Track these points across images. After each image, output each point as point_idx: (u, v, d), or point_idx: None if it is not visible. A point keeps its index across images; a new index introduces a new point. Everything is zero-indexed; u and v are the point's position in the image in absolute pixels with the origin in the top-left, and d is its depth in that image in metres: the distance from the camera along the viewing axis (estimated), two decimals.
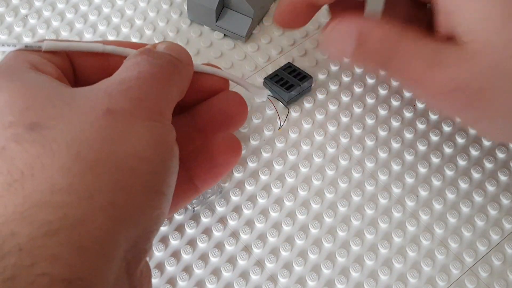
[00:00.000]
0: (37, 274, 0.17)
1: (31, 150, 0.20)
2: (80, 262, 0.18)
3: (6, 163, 0.19)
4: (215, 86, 0.29)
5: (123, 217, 0.20)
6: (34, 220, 0.18)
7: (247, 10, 0.34)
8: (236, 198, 0.30)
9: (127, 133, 0.21)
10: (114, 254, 0.19)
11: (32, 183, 0.19)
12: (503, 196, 0.30)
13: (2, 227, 0.18)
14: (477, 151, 0.32)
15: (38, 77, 0.23)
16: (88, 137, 0.20)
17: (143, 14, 0.37)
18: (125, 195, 0.20)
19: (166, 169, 0.22)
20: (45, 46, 0.25)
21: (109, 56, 0.26)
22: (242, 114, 0.29)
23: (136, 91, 0.22)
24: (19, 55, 0.24)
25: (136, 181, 0.21)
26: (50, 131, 0.20)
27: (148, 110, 0.22)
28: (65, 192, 0.19)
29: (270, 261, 0.28)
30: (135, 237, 0.21)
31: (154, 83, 0.23)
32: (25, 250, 0.18)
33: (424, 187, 0.30)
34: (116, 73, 0.24)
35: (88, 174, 0.20)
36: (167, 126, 0.23)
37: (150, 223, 0.22)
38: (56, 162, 0.19)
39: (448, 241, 0.29)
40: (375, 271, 0.28)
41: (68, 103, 0.21)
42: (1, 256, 0.17)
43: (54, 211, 0.19)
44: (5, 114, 0.21)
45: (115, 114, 0.21)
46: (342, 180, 0.31)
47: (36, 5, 0.37)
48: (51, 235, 0.18)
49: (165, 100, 0.24)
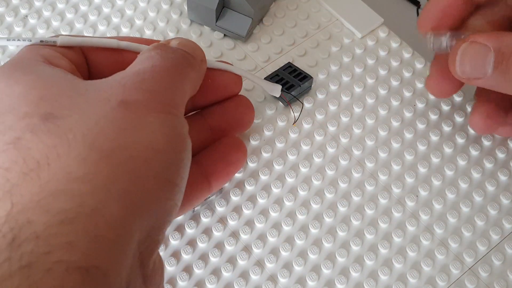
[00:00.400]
0: (53, 262, 0.17)
1: (46, 140, 0.20)
2: (96, 250, 0.18)
3: (21, 153, 0.19)
4: (228, 83, 0.29)
5: (138, 206, 0.20)
6: (50, 209, 0.18)
7: (247, 10, 0.34)
8: (236, 198, 0.30)
9: (141, 125, 0.21)
10: (129, 243, 0.20)
11: (48, 172, 0.19)
12: (503, 196, 0.30)
13: (18, 215, 0.18)
14: (477, 151, 0.32)
15: (52, 70, 0.23)
16: (103, 127, 0.20)
17: (143, 14, 0.37)
18: (139, 185, 0.20)
19: (179, 161, 0.22)
20: (60, 41, 0.25)
21: (123, 51, 0.26)
22: (250, 118, 0.30)
23: (150, 83, 0.22)
24: (33, 49, 0.24)
25: (150, 171, 0.21)
26: (65, 121, 0.20)
27: (162, 102, 0.22)
28: (80, 181, 0.19)
29: (270, 261, 0.28)
30: (149, 228, 0.21)
31: (168, 76, 0.23)
32: (41, 237, 0.18)
33: (424, 187, 0.30)
34: (130, 66, 0.24)
35: (103, 164, 0.20)
36: (180, 119, 0.23)
37: (163, 213, 0.22)
38: (72, 152, 0.19)
39: (448, 241, 0.29)
40: (375, 271, 0.28)
41: (83, 94, 0.21)
42: (18, 244, 0.18)
43: (70, 199, 0.19)
44: (20, 105, 0.21)
45: (129, 105, 0.21)
46: (342, 180, 0.31)
47: (36, 5, 0.37)
48: (67, 223, 0.18)
49: (178, 93, 0.24)
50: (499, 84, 0.26)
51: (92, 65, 0.26)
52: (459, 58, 0.26)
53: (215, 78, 0.28)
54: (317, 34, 0.36)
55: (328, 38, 0.36)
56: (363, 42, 0.36)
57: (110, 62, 0.27)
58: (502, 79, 0.25)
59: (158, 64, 0.23)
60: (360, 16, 0.37)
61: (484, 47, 0.25)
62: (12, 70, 0.22)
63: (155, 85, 0.22)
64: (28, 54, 0.24)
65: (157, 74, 0.23)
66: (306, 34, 0.36)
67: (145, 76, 0.23)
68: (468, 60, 0.26)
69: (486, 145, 0.32)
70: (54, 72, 0.23)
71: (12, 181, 0.19)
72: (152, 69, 0.23)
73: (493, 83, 0.26)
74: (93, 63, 0.26)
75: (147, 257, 0.21)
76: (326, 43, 0.36)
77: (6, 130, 0.20)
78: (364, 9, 0.37)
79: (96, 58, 0.26)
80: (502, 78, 0.25)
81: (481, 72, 0.26)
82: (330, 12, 0.37)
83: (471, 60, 0.26)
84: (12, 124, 0.20)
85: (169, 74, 0.23)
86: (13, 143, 0.20)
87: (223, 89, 0.29)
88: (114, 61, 0.27)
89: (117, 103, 0.21)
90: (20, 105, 0.21)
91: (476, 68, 0.26)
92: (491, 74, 0.25)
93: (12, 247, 0.18)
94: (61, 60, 0.24)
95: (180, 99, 0.24)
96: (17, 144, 0.20)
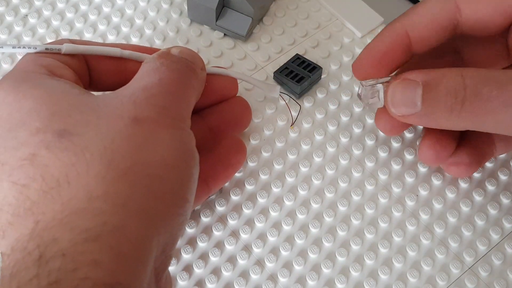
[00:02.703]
0: (80, 278, 0.18)
1: (64, 158, 0.20)
2: (120, 267, 0.19)
3: (39, 170, 0.20)
4: (225, 86, 0.30)
5: (155, 223, 0.21)
6: (74, 227, 0.19)
7: (247, 9, 0.34)
8: (236, 198, 0.30)
9: (154, 141, 0.21)
10: (148, 260, 0.20)
11: (69, 191, 0.19)
12: (503, 195, 0.30)
13: (43, 232, 0.19)
14: None
15: (58, 84, 0.23)
16: (118, 145, 0.21)
17: (143, 14, 0.37)
18: (155, 202, 0.21)
19: (190, 176, 0.23)
20: (65, 49, 0.25)
21: (125, 60, 0.27)
22: (248, 118, 0.31)
23: (160, 99, 0.23)
24: (35, 59, 0.24)
25: (165, 188, 0.21)
26: (80, 139, 0.20)
27: (172, 117, 0.23)
28: (101, 200, 0.19)
29: (270, 261, 0.28)
30: (164, 244, 0.21)
31: (175, 90, 0.24)
32: (68, 255, 0.18)
33: (424, 187, 0.30)
34: (137, 77, 0.24)
35: (121, 182, 0.20)
36: (189, 133, 0.24)
37: (176, 229, 0.22)
38: (91, 170, 0.20)
39: (448, 241, 0.29)
40: (375, 270, 0.28)
41: (95, 110, 0.22)
42: (46, 261, 0.18)
43: (92, 218, 0.19)
44: (32, 121, 0.21)
45: (142, 122, 0.22)
46: (342, 179, 0.31)
47: (36, 4, 0.37)
48: (91, 241, 0.19)
49: (186, 106, 0.24)
50: (430, 117, 0.26)
51: (93, 72, 0.27)
52: (390, 95, 0.27)
53: (212, 83, 0.28)
54: (317, 33, 0.36)
55: (328, 38, 0.36)
56: (363, 41, 0.36)
57: (112, 70, 0.27)
58: (431, 111, 0.26)
59: (164, 77, 0.24)
60: (360, 16, 0.37)
61: (414, 82, 0.26)
62: (17, 83, 0.22)
63: (164, 100, 0.23)
64: (31, 65, 0.24)
65: (165, 88, 0.23)
66: (306, 34, 0.36)
67: (154, 91, 0.23)
68: (399, 96, 0.26)
69: None
70: (61, 85, 0.23)
71: (33, 199, 0.19)
72: (160, 83, 0.23)
73: (423, 118, 0.26)
74: (95, 70, 0.27)
75: (161, 272, 0.22)
76: (326, 42, 0.36)
77: (19, 146, 0.20)
78: (364, 8, 0.37)
79: (98, 66, 0.27)
80: (431, 110, 0.26)
81: (412, 107, 0.26)
82: (330, 12, 0.37)
83: (402, 96, 0.26)
84: (25, 140, 0.20)
85: (176, 87, 0.24)
86: (29, 159, 0.20)
87: (220, 93, 0.30)
88: (116, 69, 0.27)
89: (130, 120, 0.21)
90: (32, 120, 0.21)
91: (407, 104, 0.26)
92: (421, 108, 0.26)
93: (39, 264, 0.18)
94: (64, 70, 0.24)
95: (187, 112, 0.24)
96: (33, 160, 0.20)
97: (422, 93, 0.25)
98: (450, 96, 0.25)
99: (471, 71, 0.25)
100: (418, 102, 0.25)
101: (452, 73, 0.25)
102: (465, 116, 0.25)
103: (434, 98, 0.25)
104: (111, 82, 0.27)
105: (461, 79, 0.25)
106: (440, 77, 0.25)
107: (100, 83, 0.27)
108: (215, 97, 0.29)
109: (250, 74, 0.35)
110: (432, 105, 0.25)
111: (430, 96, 0.25)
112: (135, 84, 0.23)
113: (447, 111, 0.25)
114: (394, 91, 0.26)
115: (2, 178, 0.20)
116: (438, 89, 0.25)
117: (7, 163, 0.20)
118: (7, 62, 0.34)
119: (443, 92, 0.25)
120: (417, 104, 0.26)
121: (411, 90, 0.26)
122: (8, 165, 0.20)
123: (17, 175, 0.20)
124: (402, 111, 0.26)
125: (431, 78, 0.25)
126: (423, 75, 0.26)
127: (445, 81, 0.25)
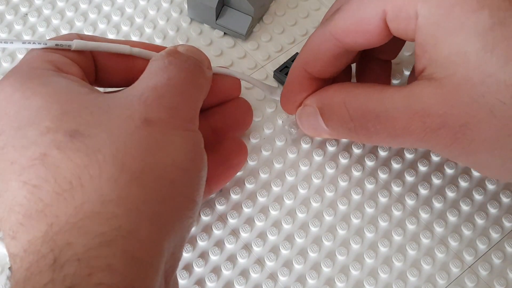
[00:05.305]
0: (95, 284, 0.18)
1: (76, 160, 0.20)
2: (133, 272, 0.19)
3: (51, 171, 0.19)
4: (229, 87, 0.30)
5: (166, 227, 0.20)
6: (88, 231, 0.19)
7: (247, 8, 0.34)
8: (236, 197, 0.30)
9: (165, 143, 0.21)
10: (160, 263, 0.20)
11: (82, 194, 0.19)
12: (503, 194, 0.30)
13: (57, 236, 0.18)
14: None
15: (67, 82, 0.22)
16: (130, 147, 0.20)
17: (143, 12, 0.37)
18: (167, 205, 0.21)
19: (199, 179, 0.23)
20: (75, 45, 0.25)
21: (133, 58, 0.26)
22: (249, 119, 0.31)
23: (170, 100, 0.23)
24: (42, 54, 0.24)
25: (175, 191, 0.21)
26: (92, 140, 0.20)
27: (182, 118, 0.23)
28: (114, 204, 0.19)
29: (270, 260, 0.28)
30: (174, 247, 0.21)
31: (185, 89, 0.24)
32: (82, 260, 0.18)
33: (424, 186, 0.30)
34: (145, 76, 0.24)
35: (134, 186, 0.20)
36: (198, 134, 0.23)
37: (185, 231, 0.22)
38: (104, 173, 0.19)
39: (448, 240, 0.29)
40: (375, 269, 0.28)
41: (106, 111, 0.21)
42: (61, 265, 0.18)
43: (106, 222, 0.19)
44: (42, 119, 0.20)
45: (153, 124, 0.21)
46: (342, 178, 0.31)
47: (36, 3, 0.37)
48: (105, 246, 0.18)
49: (194, 106, 0.24)
50: (341, 136, 0.28)
51: (100, 68, 0.26)
52: (299, 122, 0.28)
53: (217, 83, 0.28)
54: None
55: None
56: None
57: (119, 67, 0.26)
58: (337, 133, 0.27)
59: (173, 77, 0.23)
60: None
61: (312, 108, 0.27)
62: (24, 79, 0.22)
63: (174, 101, 0.23)
64: (38, 61, 0.23)
65: (175, 88, 0.23)
66: (306, 33, 0.36)
67: (163, 91, 0.23)
68: (306, 122, 0.28)
69: None
70: (69, 83, 0.22)
71: (45, 201, 0.19)
72: (169, 82, 0.23)
73: (339, 136, 0.28)
74: (102, 67, 0.26)
75: (170, 275, 0.22)
76: None
77: (29, 145, 0.20)
78: None
79: (106, 63, 0.26)
80: (336, 133, 0.27)
81: (321, 129, 0.27)
82: None
83: (308, 123, 0.28)
84: (35, 139, 0.20)
85: (186, 87, 0.24)
86: (40, 159, 0.19)
87: (224, 94, 0.30)
88: (123, 66, 0.26)
89: (141, 122, 0.21)
90: (41, 119, 0.20)
91: (316, 128, 0.27)
92: (328, 130, 0.27)
93: (54, 268, 0.18)
94: (71, 67, 0.24)
95: (195, 112, 0.24)
96: (44, 160, 0.19)
97: (321, 118, 0.27)
98: (343, 125, 0.26)
99: (353, 100, 0.25)
100: (323, 125, 0.27)
101: (338, 100, 0.26)
102: (365, 140, 0.26)
103: (333, 124, 0.26)
104: (117, 79, 0.27)
105: (346, 111, 0.25)
106: (330, 104, 0.26)
107: (106, 79, 0.27)
108: (219, 97, 0.29)
109: (250, 73, 0.35)
110: (335, 129, 0.27)
111: (329, 122, 0.26)
112: (143, 83, 0.23)
113: (349, 134, 0.26)
114: (301, 119, 0.28)
115: (11, 177, 0.20)
116: (332, 117, 0.26)
117: (17, 162, 0.20)
118: (7, 61, 0.34)
119: (337, 120, 0.26)
120: (323, 127, 0.27)
121: (314, 116, 0.27)
122: (17, 164, 0.20)
123: (27, 174, 0.19)
124: (316, 134, 0.28)
125: (324, 105, 0.26)
126: (317, 101, 0.27)
127: (335, 109, 0.26)
